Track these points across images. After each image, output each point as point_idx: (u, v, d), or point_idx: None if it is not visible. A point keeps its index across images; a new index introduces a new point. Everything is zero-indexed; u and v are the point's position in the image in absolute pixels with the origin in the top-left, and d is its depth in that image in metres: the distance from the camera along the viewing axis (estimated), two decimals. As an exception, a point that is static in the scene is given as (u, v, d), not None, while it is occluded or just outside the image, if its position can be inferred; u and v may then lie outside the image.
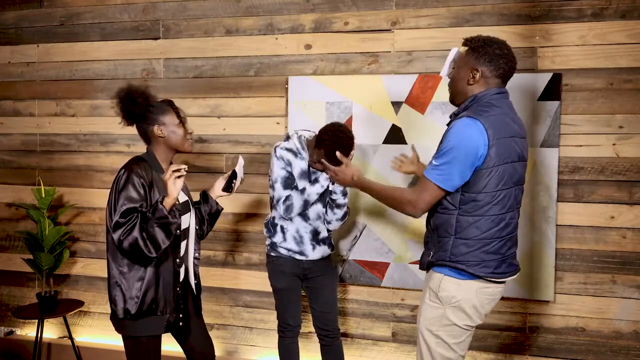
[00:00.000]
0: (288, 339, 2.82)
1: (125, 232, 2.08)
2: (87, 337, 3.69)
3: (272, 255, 2.77)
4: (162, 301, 2.22)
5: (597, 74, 2.83)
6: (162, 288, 2.22)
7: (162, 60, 3.46)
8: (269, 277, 2.81)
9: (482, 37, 2.08)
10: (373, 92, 3.09)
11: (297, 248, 2.72)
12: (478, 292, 2.06)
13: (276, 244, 2.74)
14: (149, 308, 2.19)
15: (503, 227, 2.06)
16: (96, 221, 3.64)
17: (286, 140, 2.75)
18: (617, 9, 2.79)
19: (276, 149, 2.70)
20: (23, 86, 3.72)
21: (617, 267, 2.85)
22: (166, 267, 2.24)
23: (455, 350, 2.10)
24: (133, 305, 2.18)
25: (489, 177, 1.98)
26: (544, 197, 2.88)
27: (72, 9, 3.59)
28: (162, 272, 2.23)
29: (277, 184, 2.67)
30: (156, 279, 2.21)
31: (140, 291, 2.18)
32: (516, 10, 2.91)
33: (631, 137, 2.80)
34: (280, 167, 2.67)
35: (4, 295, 3.85)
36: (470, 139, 1.95)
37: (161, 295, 2.22)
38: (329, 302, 2.82)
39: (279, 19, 3.25)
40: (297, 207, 2.64)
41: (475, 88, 2.07)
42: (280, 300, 2.80)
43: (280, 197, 2.66)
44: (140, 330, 2.21)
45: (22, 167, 3.76)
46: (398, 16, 3.07)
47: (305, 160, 2.70)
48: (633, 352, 2.86)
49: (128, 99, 2.21)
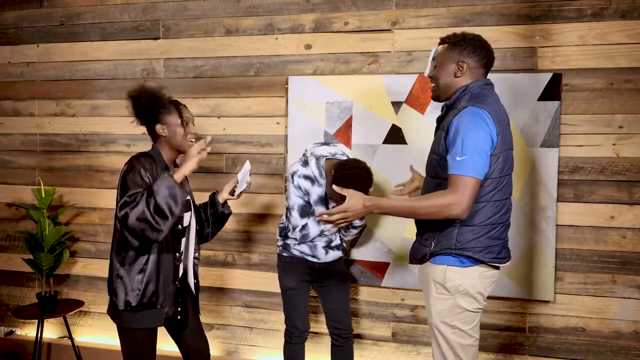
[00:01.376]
0: (295, 345, 2.79)
1: (132, 206, 2.07)
2: (87, 337, 3.69)
3: (285, 256, 2.77)
4: (162, 294, 2.26)
5: (597, 74, 2.83)
6: (162, 282, 2.26)
7: (162, 60, 3.46)
8: (279, 278, 2.80)
9: (459, 33, 2.17)
10: (373, 92, 3.09)
11: (310, 252, 2.72)
12: (480, 276, 2.11)
13: (289, 245, 2.74)
14: (149, 301, 2.23)
15: (504, 213, 2.12)
16: (96, 221, 3.64)
17: (304, 166, 2.67)
18: (617, 9, 2.79)
19: (294, 177, 2.63)
20: (23, 86, 3.73)
21: (617, 267, 2.85)
22: (166, 262, 2.27)
23: (471, 335, 2.12)
24: (134, 297, 2.21)
25: (496, 164, 2.03)
26: (543, 197, 2.88)
27: (72, 9, 3.59)
28: (163, 266, 2.26)
29: (294, 212, 2.65)
30: (157, 273, 2.24)
31: (141, 284, 2.21)
32: (516, 10, 2.91)
33: (631, 137, 2.80)
34: (297, 196, 2.64)
35: (4, 295, 3.86)
36: (484, 126, 1.99)
37: (161, 289, 2.26)
38: (342, 300, 2.82)
39: (279, 19, 3.25)
40: (313, 234, 2.65)
41: (463, 80, 2.13)
42: (289, 301, 2.78)
43: (297, 225, 2.65)
44: (139, 323, 2.24)
45: (22, 167, 3.76)
46: (398, 16, 3.07)
47: (322, 187, 2.64)
48: (633, 352, 2.86)
49: (135, 99, 2.26)
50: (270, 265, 3.34)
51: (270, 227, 3.33)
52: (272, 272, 3.31)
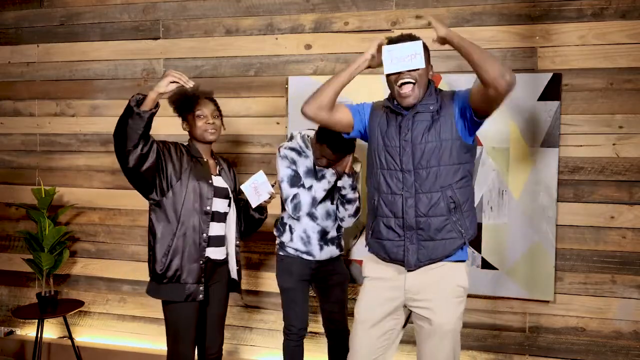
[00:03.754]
0: (293, 342, 2.79)
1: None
2: (87, 337, 3.69)
3: (281, 255, 2.77)
4: (185, 271, 2.40)
5: (597, 74, 2.83)
6: (186, 259, 2.41)
7: (162, 60, 3.46)
8: (277, 276, 2.80)
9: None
10: (373, 92, 3.08)
11: (304, 248, 2.71)
12: None
13: (284, 244, 2.75)
14: (173, 275, 2.39)
15: None
16: (96, 221, 3.64)
17: (289, 140, 2.75)
18: (617, 9, 2.79)
19: (280, 149, 2.70)
20: (23, 86, 3.73)
21: (617, 267, 2.85)
22: (191, 240, 2.42)
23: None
24: (159, 268, 2.40)
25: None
26: (544, 197, 2.88)
27: (72, 9, 3.59)
28: (187, 245, 2.41)
29: (283, 183, 2.67)
30: (182, 250, 2.40)
31: (167, 257, 2.39)
32: (516, 10, 2.91)
33: (631, 137, 2.80)
34: (285, 166, 2.67)
35: (4, 295, 3.86)
36: None
37: (185, 265, 2.40)
38: (338, 302, 2.82)
39: (279, 19, 3.25)
40: (305, 204, 2.64)
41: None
42: (286, 300, 2.79)
43: (288, 195, 2.66)
44: (163, 294, 2.42)
45: (22, 167, 3.76)
46: (398, 16, 3.07)
47: (310, 159, 2.69)
48: (633, 352, 2.86)
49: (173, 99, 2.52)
50: (270, 265, 3.34)
51: (270, 227, 3.33)
52: (271, 272, 3.31)
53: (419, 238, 2.11)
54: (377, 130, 2.20)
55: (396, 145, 2.12)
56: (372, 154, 2.21)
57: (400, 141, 2.11)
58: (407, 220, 2.10)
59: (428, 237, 2.10)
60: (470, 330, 3.05)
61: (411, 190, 2.09)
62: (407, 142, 2.09)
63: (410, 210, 2.08)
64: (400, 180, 2.11)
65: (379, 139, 2.18)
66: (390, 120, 2.18)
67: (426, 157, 2.08)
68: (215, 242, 2.52)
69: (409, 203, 2.08)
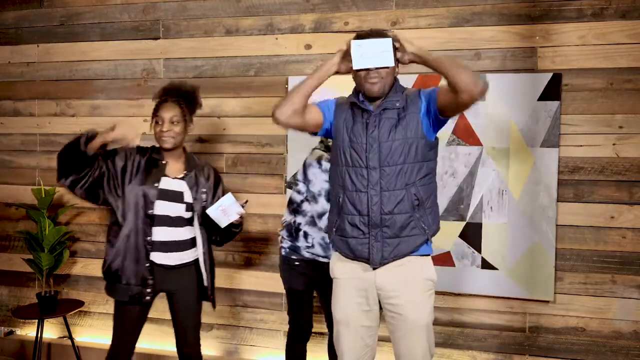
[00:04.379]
0: (300, 344, 2.78)
1: None
2: (87, 337, 3.68)
3: (293, 259, 2.69)
4: (128, 272, 2.43)
5: (597, 74, 2.83)
6: (129, 260, 2.42)
7: (162, 60, 3.46)
8: (286, 281, 2.74)
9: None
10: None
11: (324, 253, 2.65)
12: None
13: (300, 248, 2.66)
14: (114, 275, 2.44)
15: None
16: (96, 221, 3.64)
17: (326, 151, 2.62)
18: (617, 9, 2.79)
19: (321, 162, 2.58)
20: (23, 86, 3.73)
21: (617, 267, 2.85)
22: (133, 242, 2.43)
23: None
24: (103, 267, 2.48)
25: None
26: (544, 197, 2.88)
27: (72, 9, 3.59)
28: (130, 248, 2.43)
29: (320, 198, 2.58)
30: (125, 251, 2.43)
31: (110, 257, 2.45)
32: (516, 10, 2.91)
33: (631, 137, 2.80)
34: (324, 180, 2.57)
35: (4, 295, 3.85)
36: None
37: (128, 266, 2.42)
38: None
39: (279, 19, 3.25)
40: None
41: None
42: (297, 302, 2.75)
43: (325, 211, 2.55)
44: (110, 293, 2.49)
45: (22, 167, 3.76)
46: (398, 16, 3.07)
47: None
48: (633, 352, 2.86)
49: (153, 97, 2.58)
50: (270, 265, 3.34)
51: (270, 226, 3.33)
52: (271, 272, 3.31)
53: (383, 235, 2.10)
54: (343, 127, 2.17)
55: (362, 143, 2.10)
56: (337, 151, 2.18)
57: (367, 138, 2.09)
58: (372, 218, 2.09)
59: (393, 235, 2.09)
60: (470, 330, 3.05)
61: (376, 188, 2.07)
62: (374, 140, 2.08)
63: (376, 207, 2.07)
64: (365, 177, 2.09)
65: (345, 135, 2.15)
66: (356, 117, 2.15)
67: (392, 155, 2.07)
68: (163, 248, 2.46)
69: (374, 200, 2.07)
